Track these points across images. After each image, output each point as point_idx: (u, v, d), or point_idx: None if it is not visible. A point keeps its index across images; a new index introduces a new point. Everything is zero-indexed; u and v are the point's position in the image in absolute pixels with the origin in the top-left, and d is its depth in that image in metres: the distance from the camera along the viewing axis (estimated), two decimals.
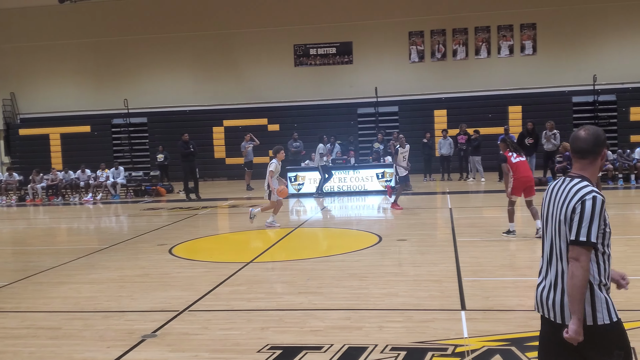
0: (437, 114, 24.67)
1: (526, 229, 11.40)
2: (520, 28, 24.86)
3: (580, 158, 3.35)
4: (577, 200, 3.19)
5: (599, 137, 3.33)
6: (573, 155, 3.38)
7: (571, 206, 3.20)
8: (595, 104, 23.98)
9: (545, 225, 3.40)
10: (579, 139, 3.35)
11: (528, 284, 7.60)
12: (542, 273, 3.40)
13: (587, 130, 3.36)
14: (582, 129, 3.39)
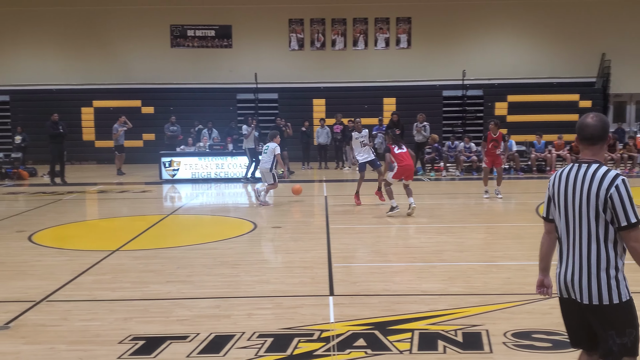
0: (315, 103, 24.91)
1: (388, 217, 11.78)
2: (397, 21, 25.63)
3: (590, 145, 3.49)
4: (610, 185, 3.32)
5: (606, 124, 3.52)
6: (582, 142, 3.51)
7: (604, 192, 3.33)
8: (464, 98, 25.21)
9: (564, 210, 3.49)
10: (589, 126, 3.49)
11: (393, 270, 7.86)
12: (565, 259, 3.53)
13: (595, 117, 3.51)
14: (589, 116, 3.53)
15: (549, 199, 3.64)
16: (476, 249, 9.02)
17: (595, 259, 3.37)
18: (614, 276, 3.36)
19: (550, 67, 25.21)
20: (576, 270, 3.43)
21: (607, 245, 3.36)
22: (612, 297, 3.35)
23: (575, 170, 3.48)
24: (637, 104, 25.99)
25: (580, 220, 3.41)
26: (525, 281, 7.18)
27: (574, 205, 3.43)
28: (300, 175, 20.06)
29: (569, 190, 3.46)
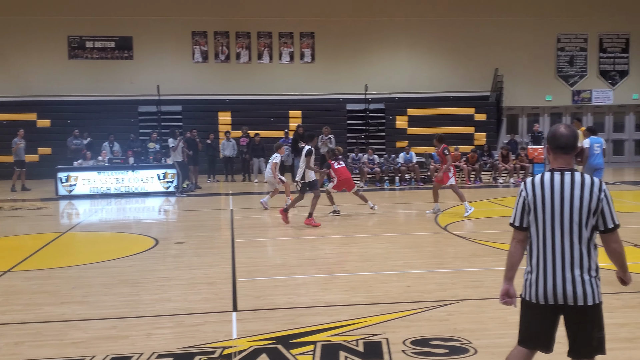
0: (221, 116, 24.69)
1: (289, 229, 11.85)
2: (300, 36, 25.89)
3: (564, 153, 3.67)
4: (600, 191, 3.56)
5: (577, 133, 3.75)
6: (556, 150, 3.68)
7: (596, 197, 3.55)
8: (367, 111, 25.77)
9: (550, 216, 3.59)
10: (563, 136, 3.67)
11: (297, 282, 7.90)
12: (543, 265, 3.63)
13: (568, 128, 3.71)
14: (562, 126, 3.72)
15: (524, 207, 3.71)
16: (378, 259, 9.21)
17: (586, 261, 3.57)
18: (596, 277, 3.61)
19: (448, 81, 26.24)
20: (567, 274, 3.56)
21: (590, 247, 3.59)
22: (595, 297, 3.58)
23: (558, 177, 3.61)
24: (528, 116, 27.49)
25: (571, 224, 3.55)
26: (425, 289, 7.42)
27: (562, 210, 3.56)
28: (206, 188, 19.80)
29: (555, 198, 3.58)
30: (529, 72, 26.59)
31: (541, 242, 3.63)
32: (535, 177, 3.70)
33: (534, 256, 3.68)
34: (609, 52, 27.13)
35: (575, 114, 27.50)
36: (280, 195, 15.38)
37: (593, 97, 27.14)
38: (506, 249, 9.72)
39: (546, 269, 3.61)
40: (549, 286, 3.60)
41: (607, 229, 3.60)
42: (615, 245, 3.63)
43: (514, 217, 3.77)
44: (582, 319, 3.60)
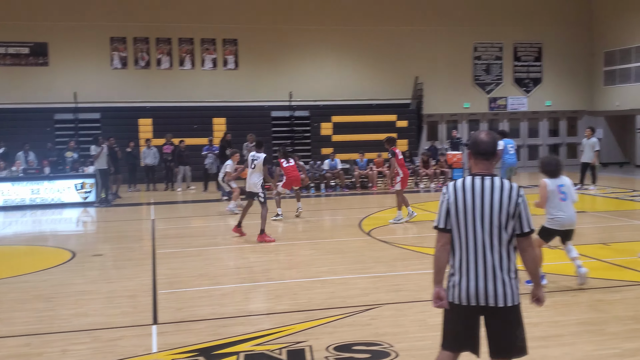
0: (141, 123, 24.11)
1: (213, 238, 11.71)
2: (223, 43, 25.67)
3: (485, 159, 3.78)
4: (517, 197, 3.69)
5: (496, 140, 3.87)
6: (477, 156, 3.79)
7: (514, 201, 3.67)
8: (292, 118, 25.81)
9: (472, 220, 3.68)
10: (484, 142, 3.79)
11: (221, 292, 7.80)
12: (466, 267, 3.70)
13: (489, 134, 3.84)
14: (483, 133, 3.84)
15: (447, 210, 3.78)
16: (303, 266, 9.23)
17: (506, 263, 3.68)
18: (516, 278, 3.74)
19: (370, 89, 26.64)
20: (489, 276, 3.66)
21: (510, 250, 3.71)
22: (515, 297, 3.70)
23: (479, 182, 3.72)
24: (447, 123, 28.27)
25: (491, 227, 3.65)
26: (348, 294, 7.48)
27: (482, 214, 3.66)
28: (126, 198, 19.29)
29: (476, 201, 3.68)
30: (448, 80, 27.36)
31: (463, 245, 3.72)
32: (457, 181, 3.80)
33: (456, 259, 3.76)
34: (523, 61, 28.26)
35: (492, 120, 28.53)
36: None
37: (508, 104, 28.20)
38: (428, 252, 9.98)
39: (469, 271, 3.70)
40: (471, 288, 3.68)
41: (523, 232, 3.71)
42: (530, 249, 3.76)
43: (438, 220, 3.85)
44: (505, 319, 3.70)
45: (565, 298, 7.17)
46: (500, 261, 3.67)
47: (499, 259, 3.67)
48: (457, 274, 3.74)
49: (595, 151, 18.00)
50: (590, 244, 10.42)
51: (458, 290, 3.72)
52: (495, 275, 3.66)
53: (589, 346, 5.62)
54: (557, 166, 7.67)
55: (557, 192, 7.57)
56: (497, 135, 3.94)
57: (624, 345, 5.61)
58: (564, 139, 29.31)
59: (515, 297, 3.69)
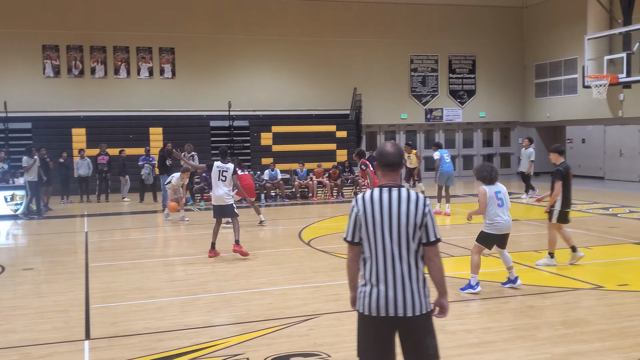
0: (75, 133, 23.45)
1: (147, 251, 11.49)
2: (160, 51, 25.30)
3: (391, 170, 3.83)
4: (424, 207, 3.73)
5: (402, 151, 3.93)
6: (383, 168, 3.83)
7: (421, 211, 3.70)
8: (231, 128, 25.64)
9: (380, 231, 3.69)
10: (390, 154, 3.84)
11: (157, 305, 7.64)
12: (376, 277, 3.69)
13: (394, 146, 3.88)
14: (388, 145, 3.88)
15: (355, 222, 3.78)
16: (241, 277, 9.15)
17: (415, 272, 3.70)
18: (424, 287, 3.75)
19: (310, 100, 26.76)
20: (398, 286, 3.67)
21: (418, 260, 3.73)
22: (427, 306, 3.72)
23: (386, 194, 3.74)
24: (385, 133, 28.67)
25: (399, 238, 3.67)
26: (287, 305, 7.46)
27: (391, 225, 3.68)
28: (59, 210, 18.70)
29: (384, 213, 3.70)
30: (386, 92, 27.78)
31: (373, 256, 3.73)
32: (366, 193, 3.81)
33: (367, 269, 3.76)
34: (457, 73, 28.99)
35: (428, 131, 29.12)
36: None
37: (444, 115, 28.85)
38: None
39: (378, 281, 3.70)
40: (381, 298, 3.68)
41: (429, 241, 3.73)
42: (436, 258, 3.77)
43: (347, 233, 3.85)
44: (417, 328, 3.71)
45: (497, 305, 7.35)
46: (409, 271, 3.70)
47: (407, 269, 3.69)
48: (367, 284, 3.74)
49: (530, 161, 18.64)
50: (522, 251, 10.73)
51: (369, 300, 3.71)
52: (404, 284, 3.68)
53: (521, 352, 5.77)
54: (492, 173, 7.92)
55: (495, 198, 7.81)
56: (401, 146, 3.98)
57: (555, 350, 5.79)
58: (497, 149, 30.19)
59: (424, 305, 3.71)
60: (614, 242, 11.51)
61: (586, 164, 26.85)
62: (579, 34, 24.42)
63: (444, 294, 3.87)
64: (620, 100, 24.03)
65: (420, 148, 28.70)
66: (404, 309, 3.67)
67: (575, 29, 25.41)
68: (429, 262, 3.77)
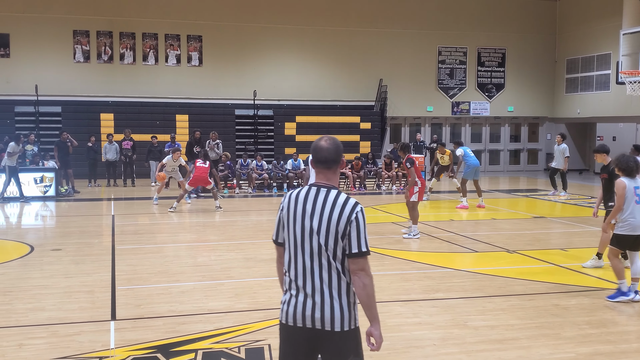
0: (103, 118, 23.73)
1: (173, 235, 11.59)
2: (187, 39, 25.44)
3: (324, 168, 3.38)
4: (351, 213, 3.26)
5: (339, 147, 3.43)
6: (316, 164, 3.39)
7: (346, 219, 3.24)
8: (255, 117, 25.71)
9: (300, 235, 3.30)
10: (322, 150, 3.38)
11: (181, 289, 7.73)
12: (296, 286, 3.31)
13: (329, 141, 3.40)
14: (323, 139, 3.42)
15: (279, 221, 3.45)
16: (263, 265, 9.19)
17: (337, 285, 3.27)
18: (353, 302, 3.32)
19: (335, 90, 26.71)
20: (317, 296, 3.26)
21: (344, 272, 3.29)
22: (346, 322, 3.28)
23: (313, 194, 3.35)
24: (410, 126, 28.52)
25: (319, 245, 3.27)
26: None
27: (311, 229, 3.28)
28: (86, 193, 18.96)
29: (306, 214, 3.30)
30: (412, 83, 27.61)
31: (292, 261, 3.34)
32: (294, 191, 3.44)
33: (287, 275, 3.38)
34: (486, 66, 28.69)
35: (455, 124, 28.89)
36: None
37: (471, 108, 28.59)
38: (386, 253, 10.06)
39: (297, 289, 3.31)
40: (299, 307, 3.29)
41: (352, 253, 3.25)
42: (362, 274, 3.27)
43: (273, 232, 3.52)
44: (337, 346, 3.29)
45: (521, 302, 7.30)
46: (329, 281, 3.26)
47: (328, 279, 3.26)
48: (287, 292, 3.37)
49: (566, 157, 18.31)
50: (548, 249, 10.63)
51: (287, 307, 3.33)
52: (323, 296, 3.25)
53: (544, 350, 5.73)
54: (638, 165, 7.26)
55: (634, 193, 7.15)
56: (338, 142, 3.46)
57: (579, 350, 5.74)
58: (525, 144, 29.86)
59: (346, 321, 3.26)
60: None
61: None
62: (614, 29, 23.97)
63: (373, 320, 3.33)
64: None
65: (446, 142, 28.49)
66: (321, 322, 3.26)
67: (610, 23, 24.96)
68: (353, 277, 3.28)
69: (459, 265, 9.28)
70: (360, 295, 3.29)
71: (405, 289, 7.83)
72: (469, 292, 7.69)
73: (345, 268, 3.30)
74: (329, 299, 3.25)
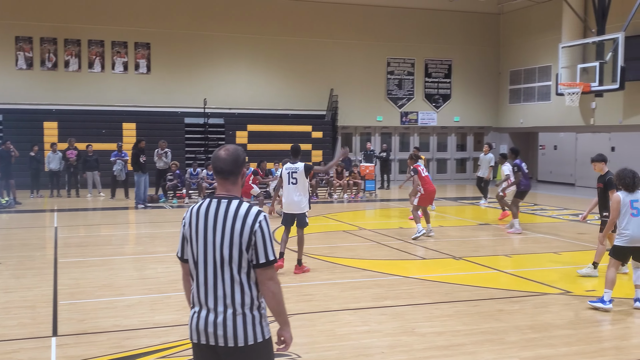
0: (46, 126, 23.09)
1: (118, 247, 11.37)
2: (135, 46, 25.05)
3: (222, 178, 3.33)
4: (254, 223, 3.22)
5: (238, 157, 3.36)
6: (216, 175, 3.35)
7: (249, 229, 3.20)
8: (206, 126, 25.48)
9: (203, 249, 3.25)
10: (219, 160, 3.33)
11: (126, 303, 7.57)
12: (199, 302, 3.27)
13: (227, 151, 3.35)
14: (223, 149, 3.37)
15: (183, 237, 3.39)
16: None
17: (241, 298, 3.22)
18: (259, 315, 3.27)
19: (286, 99, 26.73)
20: (220, 311, 3.22)
21: (251, 284, 3.25)
22: (250, 336, 3.21)
23: (214, 206, 3.30)
24: (361, 135, 28.75)
25: (222, 258, 3.22)
26: None
27: (214, 243, 3.24)
28: (28, 204, 18.40)
29: (209, 228, 3.26)
30: (362, 93, 27.86)
31: (195, 276, 3.30)
32: (195, 205, 3.39)
33: (193, 290, 3.33)
34: (433, 77, 29.18)
35: (404, 134, 29.26)
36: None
37: (419, 118, 29.01)
38: (339, 262, 10.07)
39: (201, 305, 3.27)
40: (201, 323, 3.25)
41: (259, 263, 3.24)
42: (271, 283, 3.26)
43: (178, 248, 3.45)
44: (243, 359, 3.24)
45: (467, 308, 7.41)
46: (232, 295, 3.21)
47: (231, 292, 3.21)
48: (193, 307, 3.32)
49: (490, 166, 18.72)
50: (493, 256, 10.85)
51: (191, 324, 3.29)
52: (226, 310, 3.21)
53: (489, 355, 5.83)
54: (635, 180, 7.45)
55: (629, 207, 7.34)
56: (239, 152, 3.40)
57: (522, 354, 5.86)
58: (471, 153, 30.45)
59: (250, 335, 3.21)
60: (583, 248, 11.69)
61: (557, 171, 27.27)
62: (554, 42, 24.74)
63: (283, 324, 3.36)
64: (592, 108, 24.41)
65: (395, 151, 28.84)
66: (224, 338, 3.20)
67: (550, 37, 25.75)
68: (262, 287, 3.27)
69: (407, 273, 9.38)
70: (270, 304, 3.28)
71: (355, 297, 7.86)
72: (417, 299, 7.77)
73: (250, 280, 3.25)
74: (231, 314, 3.20)
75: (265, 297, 3.28)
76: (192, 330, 3.28)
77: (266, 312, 3.30)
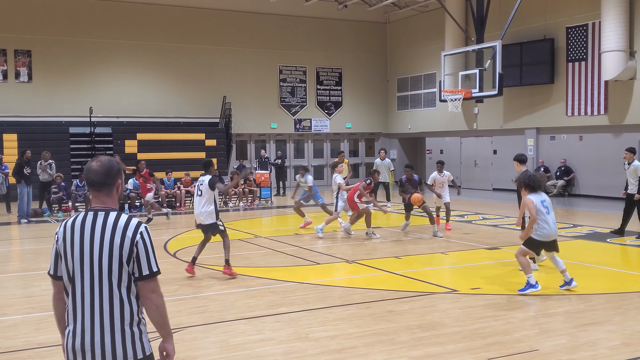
0: None
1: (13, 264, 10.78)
2: (15, 54, 23.76)
3: (96, 190, 3.24)
4: (135, 234, 3.14)
5: (110, 169, 3.26)
6: (89, 187, 3.25)
7: (129, 241, 3.12)
8: (92, 135, 24.54)
9: (79, 265, 3.12)
10: (91, 172, 3.24)
11: (8, 323, 7.18)
12: (74, 319, 3.13)
13: (99, 162, 3.26)
14: (95, 160, 3.28)
15: (57, 253, 3.24)
16: None
17: (120, 314, 3.12)
18: (138, 330, 3.18)
19: (177, 107, 26.28)
20: (97, 329, 3.10)
21: (131, 298, 3.16)
22: (137, 352, 3.13)
23: (91, 218, 3.19)
24: (256, 142, 28.74)
25: (101, 273, 3.12)
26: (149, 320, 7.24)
27: (92, 257, 3.12)
28: None
29: (85, 242, 3.14)
30: (255, 101, 27.87)
31: (71, 292, 3.17)
32: (70, 219, 3.27)
33: (69, 307, 3.19)
34: (325, 85, 29.68)
35: (298, 141, 29.54)
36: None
37: (313, 125, 29.40)
38: (235, 272, 9.99)
39: (76, 323, 3.14)
40: (77, 342, 3.11)
41: (142, 275, 3.16)
42: (153, 295, 3.19)
43: (50, 265, 3.29)
44: None
45: (359, 310, 7.60)
46: (122, 311, 3.12)
47: (120, 309, 3.11)
48: (70, 325, 3.17)
49: (391, 171, 19.37)
50: (384, 258, 11.17)
51: (66, 345, 3.17)
52: (103, 328, 3.10)
53: (380, 356, 5.99)
54: (538, 182, 8.29)
55: (541, 206, 8.14)
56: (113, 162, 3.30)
57: (411, 353, 6.07)
58: (363, 159, 31.22)
59: (130, 353, 3.11)
60: (469, 247, 12.27)
61: None
62: (438, 50, 25.85)
63: (166, 336, 3.30)
64: (475, 113, 25.72)
65: (290, 158, 29.05)
66: (102, 357, 3.08)
67: (434, 45, 26.90)
68: (144, 301, 3.19)
69: (302, 279, 9.48)
70: (153, 317, 3.20)
71: (249, 306, 7.85)
72: (311, 304, 7.88)
73: (131, 294, 3.16)
74: (109, 331, 3.10)
75: (148, 310, 3.20)
76: (68, 350, 3.14)
77: (146, 328, 3.24)
